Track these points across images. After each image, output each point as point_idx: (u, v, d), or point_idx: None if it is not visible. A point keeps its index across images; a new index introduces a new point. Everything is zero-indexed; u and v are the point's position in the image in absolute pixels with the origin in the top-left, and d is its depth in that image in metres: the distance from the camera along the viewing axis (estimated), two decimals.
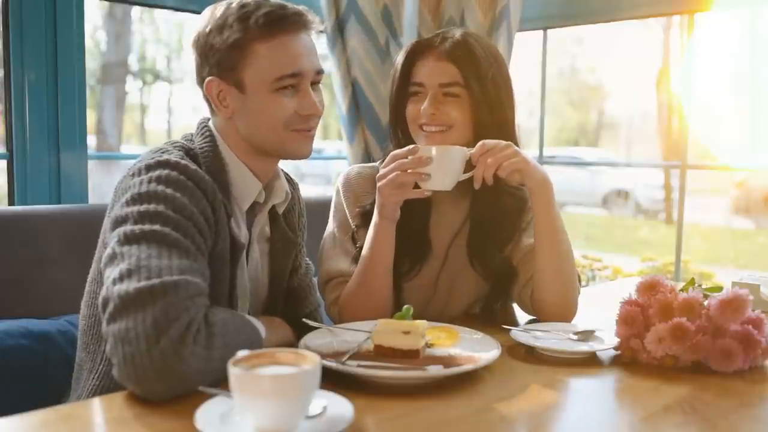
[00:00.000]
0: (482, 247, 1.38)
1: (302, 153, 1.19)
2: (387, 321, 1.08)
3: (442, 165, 1.20)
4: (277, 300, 1.33)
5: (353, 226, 1.38)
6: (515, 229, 1.39)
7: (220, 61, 1.15)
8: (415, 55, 1.35)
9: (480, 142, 1.23)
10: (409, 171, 1.20)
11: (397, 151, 1.23)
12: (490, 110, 1.32)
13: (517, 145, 1.31)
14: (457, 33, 1.35)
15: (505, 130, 1.32)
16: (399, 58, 1.37)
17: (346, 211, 1.39)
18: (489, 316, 1.41)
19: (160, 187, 1.04)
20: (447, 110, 1.31)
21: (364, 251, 1.29)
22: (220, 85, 1.16)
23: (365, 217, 1.35)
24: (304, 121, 1.17)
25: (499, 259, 1.38)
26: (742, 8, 2.64)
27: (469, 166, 1.23)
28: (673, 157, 9.97)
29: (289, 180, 1.37)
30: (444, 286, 1.40)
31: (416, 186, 1.22)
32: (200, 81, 1.19)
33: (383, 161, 1.26)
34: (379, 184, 1.23)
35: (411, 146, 1.23)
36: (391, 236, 1.27)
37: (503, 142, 1.22)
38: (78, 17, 1.88)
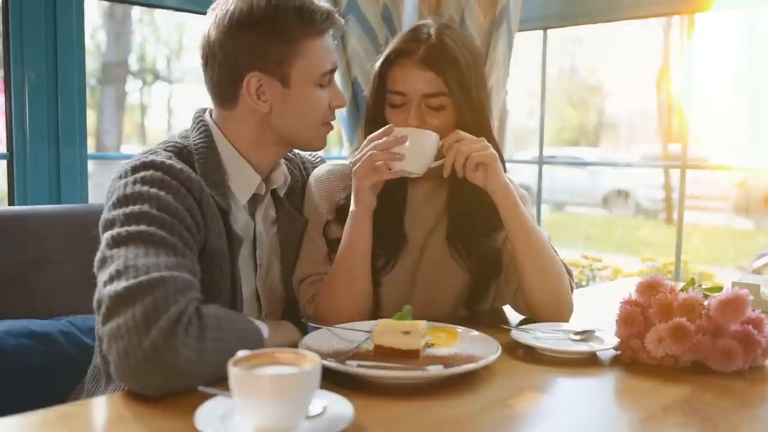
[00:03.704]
0: (464, 238, 1.37)
1: (323, 146, 1.28)
2: (387, 321, 1.08)
3: (415, 147, 1.23)
4: (291, 283, 1.34)
5: (326, 219, 1.36)
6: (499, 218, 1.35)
7: (267, 54, 1.15)
8: (394, 61, 1.32)
9: (454, 131, 1.25)
10: (383, 151, 1.21)
11: (373, 134, 1.25)
12: (473, 114, 1.30)
13: (497, 145, 1.30)
14: (433, 33, 1.30)
15: (486, 131, 1.31)
16: (377, 64, 1.34)
17: (318, 209, 1.37)
18: (476, 317, 1.39)
19: (145, 188, 1.05)
20: (432, 122, 1.29)
21: (342, 242, 1.28)
22: (261, 80, 1.16)
23: (339, 213, 1.35)
24: (332, 114, 1.25)
25: (485, 247, 1.37)
26: (742, 8, 2.64)
27: (441, 155, 1.26)
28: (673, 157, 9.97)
29: (302, 162, 1.43)
30: (423, 281, 1.39)
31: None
32: (228, 73, 1.17)
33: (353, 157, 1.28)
34: (354, 168, 1.24)
35: (385, 127, 1.24)
36: (368, 225, 1.27)
37: (476, 138, 1.24)
38: (78, 17, 1.88)
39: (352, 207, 1.28)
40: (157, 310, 0.90)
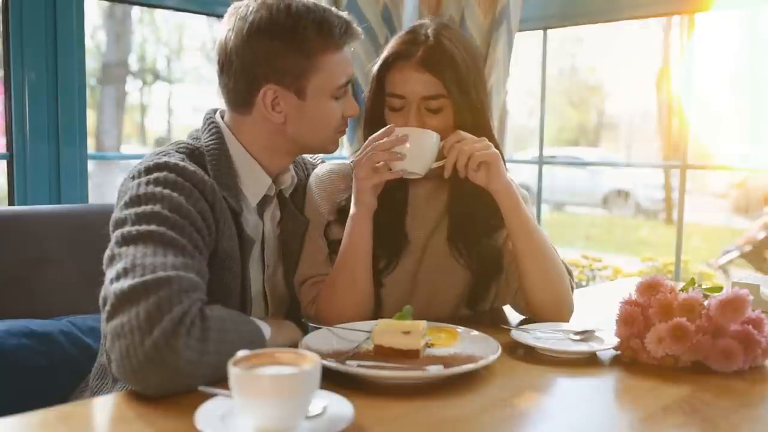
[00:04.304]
0: (465, 237, 1.37)
1: (335, 148, 1.30)
2: (387, 321, 1.08)
3: (416, 146, 1.23)
4: (293, 285, 1.34)
5: (327, 220, 1.36)
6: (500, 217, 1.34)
7: (284, 66, 1.15)
8: (392, 64, 1.31)
9: (455, 131, 1.25)
10: (384, 151, 1.22)
11: (374, 135, 1.25)
12: (473, 115, 1.30)
13: (498, 145, 1.30)
14: (431, 34, 1.29)
15: (486, 131, 1.31)
16: (375, 67, 1.34)
17: (319, 210, 1.37)
18: (477, 317, 1.38)
19: (158, 189, 1.05)
20: (432, 123, 1.29)
21: (343, 243, 1.28)
22: (277, 92, 1.17)
23: (340, 214, 1.34)
24: (345, 122, 1.26)
25: (486, 246, 1.37)
26: (742, 8, 2.64)
27: (441, 156, 1.26)
28: (673, 157, 9.98)
29: (304, 162, 1.44)
30: (424, 281, 1.39)
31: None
32: (245, 81, 1.17)
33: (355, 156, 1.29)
34: (355, 169, 1.25)
35: (386, 127, 1.24)
36: (369, 226, 1.27)
37: (477, 137, 1.24)
38: (78, 17, 1.88)
39: (352, 208, 1.27)
40: (161, 309, 0.90)
